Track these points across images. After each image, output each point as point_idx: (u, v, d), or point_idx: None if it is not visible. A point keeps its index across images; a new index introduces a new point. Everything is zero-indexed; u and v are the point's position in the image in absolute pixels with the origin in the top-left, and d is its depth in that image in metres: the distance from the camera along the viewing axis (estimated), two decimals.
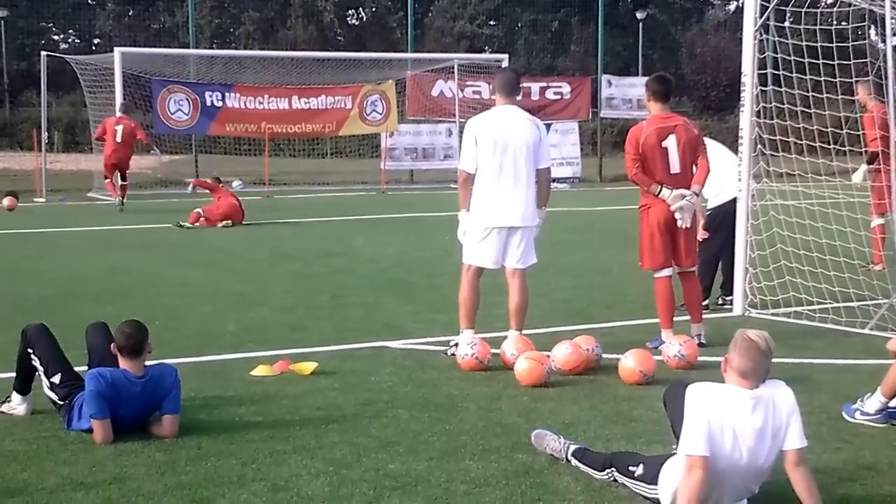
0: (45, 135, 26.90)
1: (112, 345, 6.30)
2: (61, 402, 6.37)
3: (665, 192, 8.53)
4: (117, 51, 25.74)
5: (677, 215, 8.57)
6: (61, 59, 30.19)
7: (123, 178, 22.69)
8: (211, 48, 51.46)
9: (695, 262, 8.99)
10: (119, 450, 5.92)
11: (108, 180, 22.84)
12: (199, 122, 28.15)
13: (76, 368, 6.58)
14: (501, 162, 8.18)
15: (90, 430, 6.09)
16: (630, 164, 8.63)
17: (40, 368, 6.50)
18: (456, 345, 8.25)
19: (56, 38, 66.08)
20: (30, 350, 6.55)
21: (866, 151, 12.70)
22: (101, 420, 6.04)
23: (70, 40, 66.83)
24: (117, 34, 60.86)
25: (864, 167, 12.59)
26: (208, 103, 28.07)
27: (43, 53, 27.34)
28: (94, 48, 57.50)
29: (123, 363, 6.24)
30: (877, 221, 13.09)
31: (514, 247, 8.31)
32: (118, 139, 22.15)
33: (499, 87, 8.44)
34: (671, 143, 8.58)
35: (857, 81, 11.10)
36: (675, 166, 8.59)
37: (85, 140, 31.82)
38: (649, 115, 8.84)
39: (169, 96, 27.66)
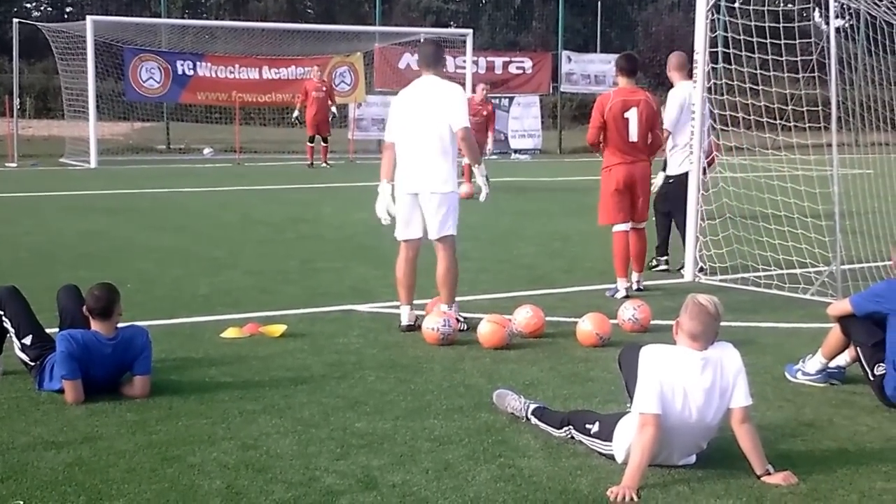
0: (17, 101, 26.65)
1: (83, 307, 6.31)
2: (32, 363, 6.38)
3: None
4: (89, 19, 25.47)
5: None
6: (33, 27, 29.74)
7: (325, 140, 25.58)
8: (182, 18, 50.92)
9: (645, 219, 9.77)
10: (90, 410, 5.94)
11: (310, 144, 25.43)
12: (170, 91, 27.86)
13: (48, 330, 6.58)
14: (411, 131, 8.13)
15: (61, 391, 6.11)
16: (592, 130, 9.55)
17: (11, 330, 6.50)
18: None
19: (28, 5, 65.25)
20: (1, 312, 6.54)
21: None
22: (72, 381, 6.06)
23: (42, 8, 66.11)
24: (89, 3, 60.22)
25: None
26: (179, 72, 27.77)
27: (15, 20, 27.01)
28: (66, 16, 56.98)
29: (94, 325, 6.25)
30: None
31: (431, 215, 8.13)
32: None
33: (420, 60, 8.46)
34: (633, 114, 9.41)
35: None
36: (633, 135, 9.45)
37: (57, 106, 31.46)
38: (616, 87, 9.60)
39: (140, 64, 27.35)
